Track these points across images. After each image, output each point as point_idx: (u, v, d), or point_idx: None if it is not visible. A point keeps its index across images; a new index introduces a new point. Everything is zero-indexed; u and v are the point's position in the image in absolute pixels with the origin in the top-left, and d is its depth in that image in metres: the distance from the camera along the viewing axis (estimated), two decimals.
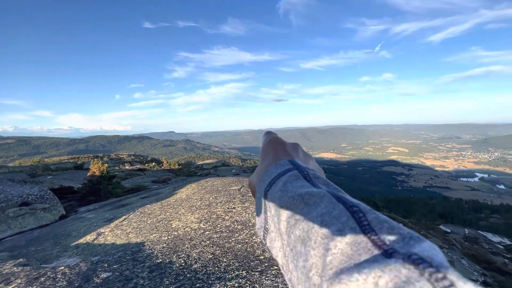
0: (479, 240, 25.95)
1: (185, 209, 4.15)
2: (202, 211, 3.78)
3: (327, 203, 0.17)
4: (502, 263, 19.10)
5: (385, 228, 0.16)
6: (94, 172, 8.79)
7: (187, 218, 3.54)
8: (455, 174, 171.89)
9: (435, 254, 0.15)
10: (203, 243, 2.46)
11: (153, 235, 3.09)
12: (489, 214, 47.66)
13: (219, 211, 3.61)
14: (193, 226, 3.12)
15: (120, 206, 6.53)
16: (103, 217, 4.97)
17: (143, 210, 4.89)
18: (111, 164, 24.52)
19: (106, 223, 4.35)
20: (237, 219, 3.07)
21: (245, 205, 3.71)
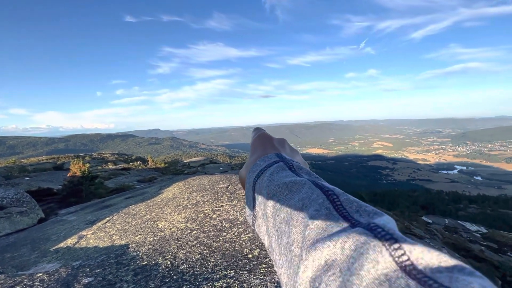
0: (458, 229, 27.24)
1: (171, 209, 4.05)
2: (189, 210, 3.69)
3: (307, 189, 0.22)
4: (479, 250, 20.15)
5: (354, 207, 0.19)
6: (75, 172, 8.44)
7: (173, 218, 3.45)
8: (436, 167, 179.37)
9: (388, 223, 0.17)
10: (190, 243, 2.40)
11: (138, 236, 2.98)
12: (467, 205, 50.12)
13: (207, 209, 3.54)
14: (180, 226, 3.04)
15: (103, 207, 6.30)
16: (85, 219, 4.77)
17: (127, 211, 4.74)
18: (94, 164, 23.73)
19: (88, 226, 4.17)
20: (225, 218, 3.02)
21: (233, 203, 3.66)
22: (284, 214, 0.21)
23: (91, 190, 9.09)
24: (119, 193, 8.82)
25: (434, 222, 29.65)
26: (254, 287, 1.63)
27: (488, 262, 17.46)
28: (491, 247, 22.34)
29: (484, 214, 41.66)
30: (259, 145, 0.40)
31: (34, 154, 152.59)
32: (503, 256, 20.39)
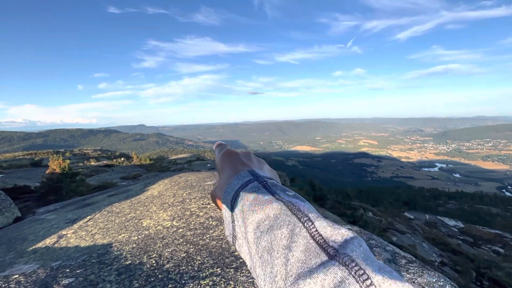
0: (437, 225, 28.52)
1: (157, 207, 3.96)
2: (175, 208, 3.62)
3: (284, 217, 0.22)
4: (456, 244, 21.23)
5: (329, 231, 0.20)
6: (54, 169, 8.09)
7: (159, 216, 3.37)
8: (418, 165, 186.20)
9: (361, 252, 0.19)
10: (176, 242, 2.35)
11: (122, 235, 2.89)
12: (447, 201, 52.62)
13: (193, 207, 3.49)
14: (166, 224, 2.98)
15: (85, 205, 6.08)
16: (66, 218, 4.58)
17: (110, 209, 4.59)
18: (75, 160, 22.87)
19: (68, 225, 4.00)
20: (212, 215, 2.98)
21: None
22: (265, 243, 0.21)
23: (72, 187, 8.75)
24: (101, 191, 8.55)
25: (415, 218, 30.89)
26: (241, 284, 1.61)
27: (464, 255, 18.40)
28: (467, 241, 23.56)
29: (462, 209, 43.88)
30: (227, 163, 0.39)
31: (9, 150, 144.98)
32: (478, 250, 21.56)
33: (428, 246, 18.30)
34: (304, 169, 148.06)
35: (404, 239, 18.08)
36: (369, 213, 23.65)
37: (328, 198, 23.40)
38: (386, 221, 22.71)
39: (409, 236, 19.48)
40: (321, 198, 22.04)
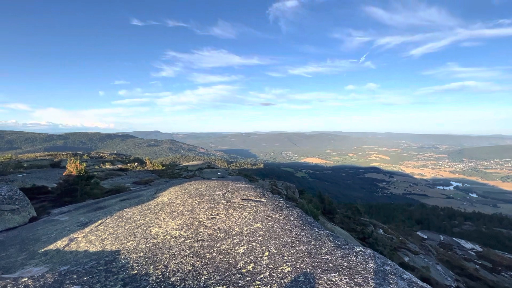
0: (453, 247, 27.12)
1: (166, 214, 3.99)
2: (184, 217, 3.64)
3: None
4: (474, 269, 20.04)
5: None
6: (71, 171, 8.34)
7: (167, 225, 3.39)
8: (432, 182, 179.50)
9: None
10: (183, 253, 2.35)
11: (130, 242, 2.93)
12: (462, 221, 50.18)
13: (202, 217, 3.49)
14: (174, 233, 2.99)
15: (97, 208, 6.21)
16: (78, 221, 4.69)
17: (121, 214, 4.66)
18: (91, 163, 23.57)
19: (80, 228, 4.09)
20: (220, 227, 2.98)
21: (229, 211, 3.61)
22: None
23: (86, 190, 8.97)
24: (114, 195, 8.71)
25: (429, 238, 29.56)
26: None
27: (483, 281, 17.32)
28: (485, 266, 22.24)
29: (479, 231, 41.65)
30: None
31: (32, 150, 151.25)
32: (497, 276, 20.28)
33: (442, 269, 17.40)
34: (314, 182, 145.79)
35: (417, 260, 17.29)
36: (379, 230, 22.86)
37: (337, 212, 22.83)
38: (397, 239, 21.87)
39: (422, 257, 18.62)
40: (330, 212, 21.53)
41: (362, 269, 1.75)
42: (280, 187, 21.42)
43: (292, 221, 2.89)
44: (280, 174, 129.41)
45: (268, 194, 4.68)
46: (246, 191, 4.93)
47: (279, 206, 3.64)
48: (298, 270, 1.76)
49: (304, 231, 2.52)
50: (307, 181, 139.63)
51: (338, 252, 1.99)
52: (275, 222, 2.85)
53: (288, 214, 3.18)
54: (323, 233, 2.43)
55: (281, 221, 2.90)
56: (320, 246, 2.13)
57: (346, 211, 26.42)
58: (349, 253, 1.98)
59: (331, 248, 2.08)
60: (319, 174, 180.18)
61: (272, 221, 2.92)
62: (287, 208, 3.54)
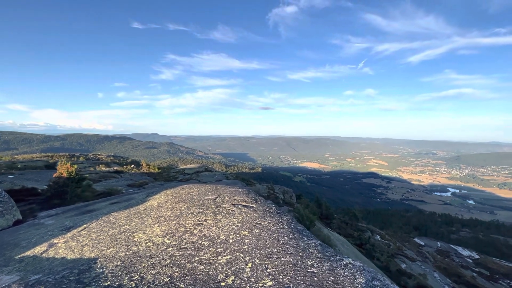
0: (450, 254, 26.95)
1: (152, 220, 3.84)
2: (171, 222, 3.49)
3: None
4: (471, 277, 19.87)
5: None
6: (61, 173, 8.16)
7: (152, 231, 3.24)
8: (429, 188, 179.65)
9: None
10: (163, 262, 2.21)
11: (110, 249, 2.77)
12: (460, 228, 50.09)
13: (189, 223, 3.35)
14: (157, 240, 2.85)
15: (85, 212, 6.03)
16: (62, 225, 4.51)
17: (107, 218, 4.50)
18: (87, 165, 23.30)
19: (63, 232, 3.92)
20: (206, 234, 2.83)
21: (217, 217, 3.47)
22: None
23: (77, 192, 8.77)
24: (105, 198, 8.54)
25: (426, 245, 29.39)
26: None
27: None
28: (483, 274, 22.07)
29: (476, 238, 41.54)
30: None
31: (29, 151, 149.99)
32: (495, 284, 20.10)
33: (439, 276, 17.23)
34: (312, 186, 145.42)
35: (414, 267, 17.11)
36: (376, 236, 22.68)
37: (334, 217, 22.68)
38: (394, 246, 21.68)
39: (419, 264, 18.45)
40: (327, 217, 21.37)
41: (349, 284, 1.61)
42: (277, 191, 21.29)
43: (281, 229, 2.75)
44: (278, 178, 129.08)
45: (260, 199, 4.55)
46: (238, 196, 4.79)
47: (269, 212, 3.50)
48: (281, 284, 1.62)
49: (292, 240, 2.39)
50: (305, 186, 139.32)
51: (325, 265, 1.86)
52: (263, 230, 2.72)
53: (278, 221, 3.04)
54: (312, 243, 2.30)
55: (269, 228, 2.76)
56: (307, 257, 2.00)
57: (344, 217, 26.29)
58: (337, 266, 1.85)
59: (318, 260, 1.95)
60: (317, 179, 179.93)
61: (260, 228, 2.78)
62: (277, 215, 3.40)
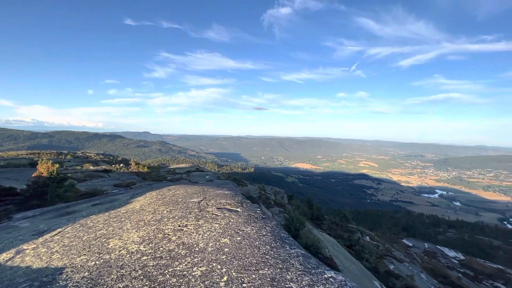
0: (437, 255, 27.47)
1: (131, 224, 3.65)
2: (150, 227, 3.31)
3: None
4: (456, 277, 20.26)
5: None
6: (42, 172, 7.80)
7: (129, 236, 3.06)
8: (418, 190, 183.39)
9: None
10: (133, 274, 2.04)
11: (81, 257, 2.58)
12: (446, 229, 51.27)
13: (168, 228, 3.18)
14: (132, 247, 2.67)
15: (64, 214, 5.76)
16: (36, 229, 4.25)
17: (85, 221, 4.27)
18: (74, 163, 22.64)
19: (34, 237, 3.68)
20: (184, 241, 2.68)
21: (199, 222, 3.31)
22: None
23: (59, 193, 8.42)
24: (88, 198, 8.23)
25: (414, 246, 29.89)
26: None
27: None
28: (468, 275, 22.55)
29: (462, 239, 42.58)
30: None
31: (14, 148, 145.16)
32: (479, 285, 20.57)
33: (426, 277, 17.47)
34: (304, 187, 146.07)
35: (402, 268, 17.29)
36: (366, 237, 22.89)
37: (325, 218, 22.76)
38: (383, 247, 21.92)
39: (407, 265, 18.67)
40: (318, 218, 21.41)
41: None
42: (269, 192, 21.19)
43: (264, 236, 2.62)
44: (270, 178, 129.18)
45: (246, 202, 4.41)
46: (224, 199, 4.64)
47: (254, 218, 3.37)
48: None
49: (274, 250, 2.26)
50: (297, 186, 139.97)
51: (305, 279, 1.74)
52: (245, 237, 2.58)
53: (261, 227, 2.91)
54: (294, 253, 2.18)
55: (251, 236, 2.63)
56: (287, 270, 1.88)
57: (334, 218, 26.43)
58: (317, 281, 1.73)
59: (298, 273, 1.83)
60: (309, 180, 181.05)
61: (242, 235, 2.65)
62: (262, 220, 3.27)
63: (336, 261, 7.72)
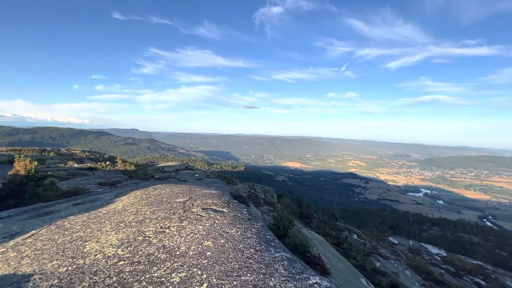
0: (421, 252, 28.31)
1: (111, 225, 3.47)
2: (130, 230, 3.16)
3: None
4: (439, 274, 20.94)
5: None
6: (18, 170, 7.42)
7: (107, 239, 2.90)
8: (404, 189, 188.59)
9: None
10: (107, 281, 1.90)
11: (53, 262, 2.41)
12: (430, 227, 53.00)
13: (150, 230, 3.03)
14: (109, 251, 2.52)
15: (42, 214, 5.47)
16: (8, 230, 3.99)
17: (62, 223, 4.05)
18: (57, 160, 21.84)
19: (5, 240, 3.44)
20: (166, 244, 2.55)
21: (182, 223, 3.18)
22: None
23: (37, 191, 8.03)
24: (69, 198, 7.90)
25: (399, 243, 30.69)
26: None
27: (447, 286, 18.09)
28: (449, 271, 23.35)
29: (445, 236, 44.12)
30: None
31: None
32: (460, 280, 21.33)
33: (411, 274, 17.90)
34: (293, 186, 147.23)
35: (388, 266, 17.67)
36: (354, 235, 23.26)
37: (314, 217, 22.96)
38: (370, 244, 22.34)
39: (392, 262, 19.09)
40: (307, 216, 21.57)
41: None
42: (259, 190, 21.14)
43: (248, 238, 2.53)
44: (260, 177, 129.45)
45: (233, 202, 4.30)
46: (210, 199, 4.52)
47: (240, 219, 3.27)
48: None
49: (258, 253, 2.17)
50: (287, 185, 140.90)
51: (289, 286, 1.66)
52: (229, 240, 2.48)
53: (247, 229, 2.82)
54: (279, 256, 2.10)
55: (236, 238, 2.53)
56: (270, 275, 1.79)
57: (323, 216, 26.71)
58: (301, 287, 1.65)
59: (282, 280, 1.75)
60: (298, 178, 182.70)
61: (226, 238, 2.54)
62: (248, 221, 3.18)
63: (324, 259, 7.74)
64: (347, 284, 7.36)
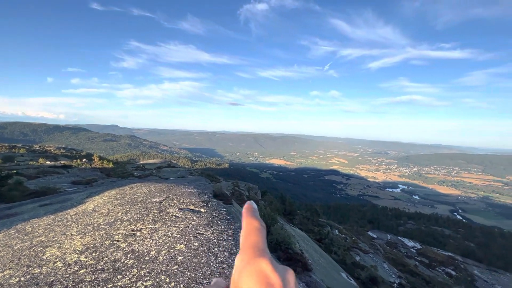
0: (397, 245, 29.62)
1: (78, 229, 3.21)
2: (98, 233, 2.93)
3: None
4: (414, 265, 22.01)
5: None
6: None
7: (71, 244, 2.66)
8: (383, 185, 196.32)
9: None
10: None
11: (4, 272, 2.16)
12: (406, 221, 55.61)
13: (119, 233, 2.83)
14: (71, 258, 2.30)
15: (3, 216, 5.03)
16: None
17: (23, 226, 3.71)
18: (28, 158, 20.46)
19: None
20: (135, 249, 2.37)
21: (155, 225, 3.00)
22: None
23: (1, 191, 7.43)
24: (37, 198, 7.37)
25: (378, 237, 31.89)
26: None
27: (421, 277, 19.02)
28: (423, 263, 24.59)
29: (420, 230, 46.45)
30: None
31: None
32: (433, 271, 22.53)
33: (388, 266, 18.62)
34: (278, 182, 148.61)
35: (367, 259, 18.25)
36: (335, 231, 23.83)
37: (297, 213, 23.24)
38: (351, 239, 22.99)
39: (371, 256, 19.75)
40: (290, 213, 21.78)
41: None
42: (243, 188, 21.01)
43: (224, 241, 2.41)
44: (245, 174, 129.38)
45: (212, 202, 4.16)
46: (188, 198, 4.34)
47: (217, 219, 3.14)
48: None
49: (233, 256, 2.06)
50: (271, 182, 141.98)
51: None
52: (203, 243, 2.34)
53: (223, 230, 2.70)
54: None
55: (211, 240, 2.40)
56: None
57: (306, 212, 27.15)
58: None
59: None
60: (283, 175, 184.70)
61: (201, 240, 2.41)
62: (225, 222, 3.05)
63: (306, 255, 7.80)
64: (328, 278, 7.46)
